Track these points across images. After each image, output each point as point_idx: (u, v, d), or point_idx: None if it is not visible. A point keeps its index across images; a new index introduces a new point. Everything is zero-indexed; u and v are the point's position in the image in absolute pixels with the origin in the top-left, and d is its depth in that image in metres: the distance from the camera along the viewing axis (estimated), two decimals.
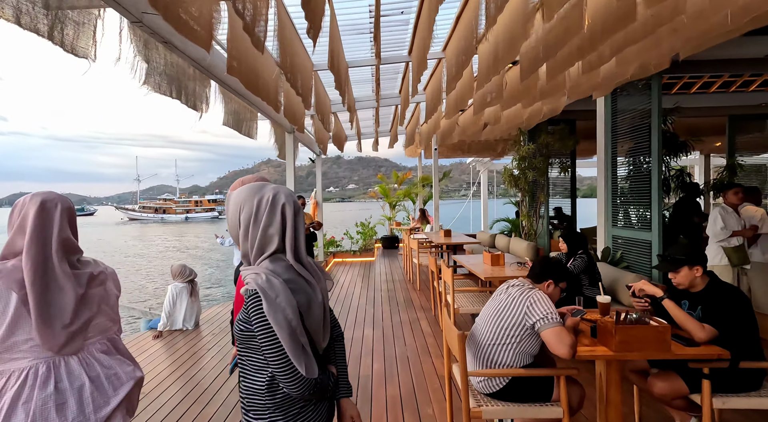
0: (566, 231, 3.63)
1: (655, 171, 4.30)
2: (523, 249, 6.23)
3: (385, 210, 11.88)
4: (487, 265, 4.11)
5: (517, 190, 7.20)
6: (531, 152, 6.69)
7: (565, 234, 3.60)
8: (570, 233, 3.59)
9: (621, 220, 4.96)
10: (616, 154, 5.03)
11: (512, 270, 3.79)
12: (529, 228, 7.05)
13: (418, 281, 6.38)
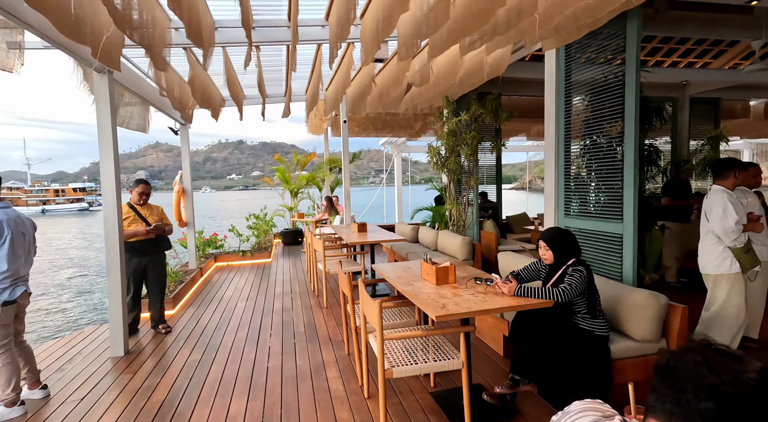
0: (550, 232, 2.38)
1: (631, 143, 3.27)
2: (456, 245, 5.01)
3: (285, 198, 9.92)
4: (429, 284, 2.68)
5: (444, 171, 5.98)
6: (463, 125, 5.49)
7: (548, 236, 2.34)
8: (556, 234, 2.34)
9: (577, 209, 3.96)
10: (570, 124, 3.99)
11: (479, 302, 2.41)
12: (458, 218, 5.92)
13: (325, 295, 4.76)
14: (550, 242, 2.34)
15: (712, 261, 2.84)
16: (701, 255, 2.91)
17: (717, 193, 2.82)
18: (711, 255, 2.85)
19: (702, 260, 2.91)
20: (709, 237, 2.86)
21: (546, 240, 2.36)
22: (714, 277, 2.84)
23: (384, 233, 5.29)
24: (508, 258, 3.71)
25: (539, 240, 2.42)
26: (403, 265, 3.26)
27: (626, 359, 2.27)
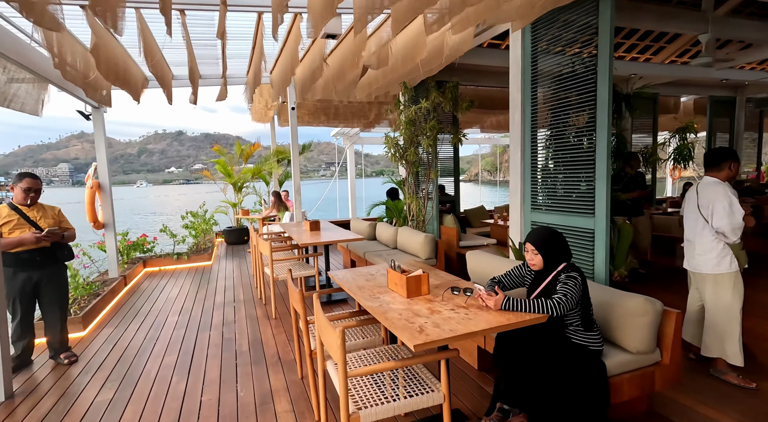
0: (539, 233, 2.03)
1: (603, 133, 3.06)
2: (418, 243, 4.64)
3: (228, 194, 9.04)
4: (398, 297, 2.25)
5: (402, 163, 5.59)
6: (423, 113, 5.11)
7: (537, 238, 2.00)
8: (547, 236, 2.00)
9: (545, 202, 3.74)
10: (537, 112, 3.74)
11: (463, 322, 2.02)
12: (417, 212, 5.57)
13: (274, 302, 4.19)
14: (540, 246, 2.02)
15: (711, 260, 2.61)
16: (699, 254, 2.68)
17: (716, 185, 2.59)
18: (711, 253, 2.61)
19: (699, 260, 2.68)
20: (707, 233, 2.62)
21: (535, 244, 2.03)
22: (714, 277, 2.63)
23: (339, 232, 4.80)
24: (478, 258, 3.39)
25: (525, 243, 2.09)
26: (364, 272, 2.82)
27: (622, 375, 2.01)
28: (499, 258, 3.26)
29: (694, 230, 2.71)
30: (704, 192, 2.63)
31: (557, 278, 2.00)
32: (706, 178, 2.66)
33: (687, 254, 2.81)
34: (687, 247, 2.79)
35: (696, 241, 2.69)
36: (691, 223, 2.75)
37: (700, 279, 2.70)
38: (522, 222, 4.00)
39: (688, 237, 2.78)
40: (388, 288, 2.39)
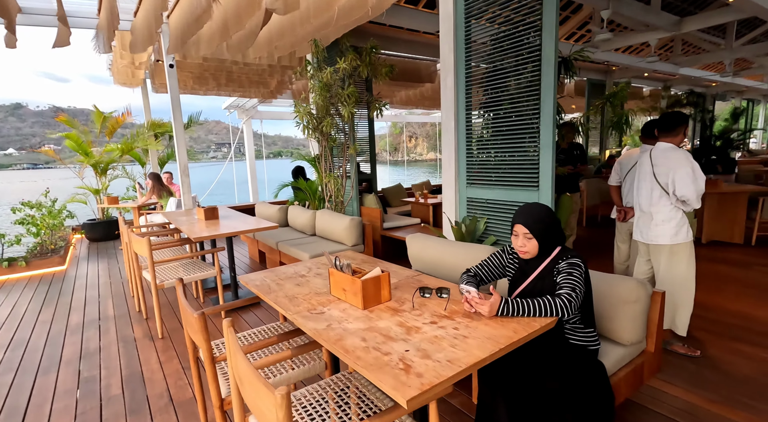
0: (531, 212, 1.56)
1: (549, 96, 2.78)
2: (342, 228, 4.01)
3: (87, 178, 7.10)
4: (349, 308, 1.62)
5: (316, 136, 4.81)
6: (340, 76, 4.38)
7: (530, 217, 1.53)
8: (544, 215, 1.54)
9: (482, 177, 3.43)
10: (472, 74, 3.35)
11: (461, 343, 1.47)
12: (336, 193, 4.90)
13: (159, 318, 3.18)
14: (536, 228, 1.57)
15: (670, 230, 2.50)
16: (657, 224, 2.54)
17: (675, 151, 2.45)
18: (670, 223, 2.49)
19: (658, 231, 2.54)
20: (665, 203, 2.49)
21: (528, 225, 1.57)
22: (671, 248, 2.53)
23: (245, 220, 3.89)
24: (421, 243, 2.91)
25: (514, 226, 1.62)
26: (290, 272, 2.10)
27: (618, 372, 1.72)
28: (447, 242, 2.82)
29: (649, 200, 2.56)
30: (661, 158, 2.48)
31: (554, 266, 1.58)
32: (660, 143, 2.53)
33: (641, 226, 2.67)
34: (641, 219, 2.66)
35: (653, 211, 2.55)
36: (645, 193, 2.59)
37: (655, 250, 2.59)
38: (456, 199, 3.63)
39: (642, 208, 2.64)
40: (332, 296, 1.73)
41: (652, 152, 2.56)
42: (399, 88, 8.81)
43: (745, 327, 2.86)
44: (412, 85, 8.51)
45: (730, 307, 3.21)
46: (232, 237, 3.67)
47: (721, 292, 3.49)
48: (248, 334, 2.04)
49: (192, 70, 5.74)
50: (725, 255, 4.68)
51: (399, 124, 33.70)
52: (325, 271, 2.12)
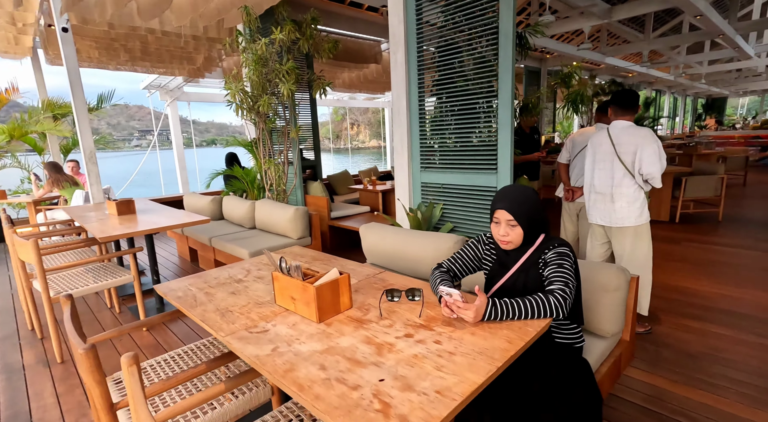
0: (514, 194, 1.33)
1: (507, 72, 2.61)
2: (286, 219, 3.60)
3: None
4: (300, 321, 1.30)
5: (252, 118, 4.29)
6: (277, 49, 3.90)
7: (514, 202, 1.29)
8: (530, 196, 1.32)
9: (437, 160, 3.22)
10: (424, 49, 3.10)
11: (447, 363, 1.20)
12: (277, 181, 4.44)
13: (57, 338, 2.59)
14: (522, 213, 1.34)
15: (635, 212, 2.43)
16: (622, 207, 2.45)
17: (638, 129, 2.36)
18: (635, 204, 2.43)
19: (623, 213, 2.46)
20: (628, 183, 2.41)
21: (513, 211, 1.34)
22: (635, 229, 2.47)
23: (170, 213, 3.33)
24: (377, 233, 2.63)
25: (495, 211, 1.39)
26: (223, 277, 1.71)
27: (600, 368, 1.59)
28: (406, 231, 2.57)
29: (611, 181, 2.46)
30: (623, 137, 2.38)
31: (539, 257, 1.38)
32: (618, 122, 2.44)
33: (601, 209, 2.56)
34: (598, 201, 2.55)
35: (615, 193, 2.45)
36: (606, 174, 2.48)
37: (620, 233, 2.52)
38: (410, 184, 3.40)
39: (600, 190, 2.53)
40: (278, 306, 1.39)
41: (610, 131, 2.47)
42: (341, 70, 8.35)
43: (688, 302, 2.97)
44: (355, 67, 8.11)
45: (670, 283, 3.35)
46: (152, 235, 3.12)
47: (659, 269, 3.63)
48: (171, 358, 1.63)
49: (97, 39, 4.85)
50: (655, 232, 4.94)
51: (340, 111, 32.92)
52: (268, 273, 1.76)
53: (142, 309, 2.84)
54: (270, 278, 1.69)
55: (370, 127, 49.67)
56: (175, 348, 2.54)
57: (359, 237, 5.02)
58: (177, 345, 2.63)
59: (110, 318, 3.09)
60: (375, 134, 47.66)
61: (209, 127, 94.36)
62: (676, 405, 1.86)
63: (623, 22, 10.57)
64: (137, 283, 2.79)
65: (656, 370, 2.14)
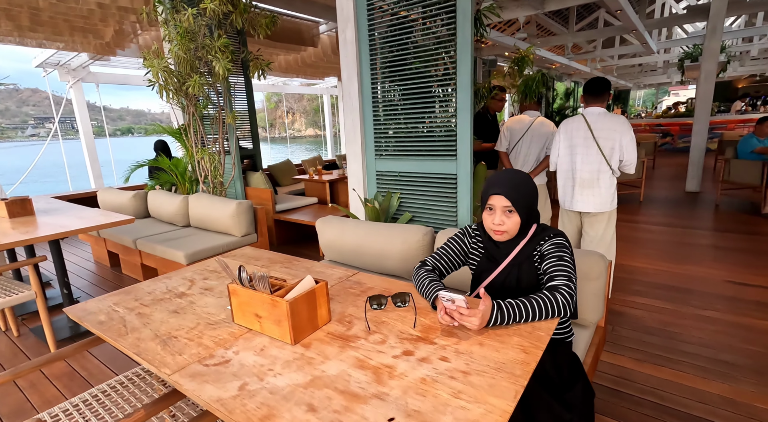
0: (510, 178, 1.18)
1: (466, 52, 2.50)
2: (228, 215, 3.21)
3: None
4: (268, 346, 1.05)
5: (180, 101, 3.75)
6: (206, 22, 3.41)
7: (511, 186, 1.14)
8: (525, 179, 1.19)
9: (393, 147, 3.05)
10: (375, 26, 2.88)
11: (466, 386, 1.01)
12: (213, 172, 3.96)
13: None
14: (520, 198, 1.21)
15: (611, 196, 2.52)
16: (602, 193, 2.49)
17: (615, 116, 2.40)
18: (611, 189, 2.50)
19: (603, 198, 2.51)
20: (605, 169, 2.45)
21: (511, 196, 1.20)
22: (609, 214, 2.56)
23: (80, 213, 2.78)
24: (336, 227, 2.41)
25: (490, 197, 1.24)
26: (160, 291, 1.39)
27: (586, 359, 1.54)
28: (367, 224, 2.37)
29: (591, 167, 2.48)
30: (600, 123, 2.41)
31: (534, 249, 1.26)
32: (593, 108, 2.47)
33: (587, 194, 2.55)
34: (584, 187, 2.55)
35: (596, 179, 2.49)
36: (587, 159, 2.49)
37: (596, 218, 2.58)
38: (364, 173, 3.21)
39: (582, 175, 2.53)
40: (238, 326, 1.13)
41: (587, 117, 2.47)
42: (276, 52, 7.78)
43: (630, 279, 3.15)
44: (292, 49, 7.60)
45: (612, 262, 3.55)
46: (59, 241, 2.58)
47: None
48: (95, 398, 1.28)
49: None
50: None
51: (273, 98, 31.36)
52: (218, 283, 1.47)
53: (50, 333, 2.34)
54: (222, 289, 1.40)
55: (306, 115, 48.17)
56: (100, 379, 2.12)
57: (308, 231, 4.70)
58: (102, 374, 2.19)
59: (6, 346, 2.52)
60: (311, 122, 46.32)
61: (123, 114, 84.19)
62: (643, 385, 1.91)
63: (549, 15, 11.16)
64: (41, 301, 2.28)
65: (618, 350, 2.20)
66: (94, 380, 2.11)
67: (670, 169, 8.82)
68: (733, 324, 2.42)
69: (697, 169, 6.26)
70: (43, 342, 2.52)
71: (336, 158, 7.42)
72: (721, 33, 5.99)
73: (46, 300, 2.33)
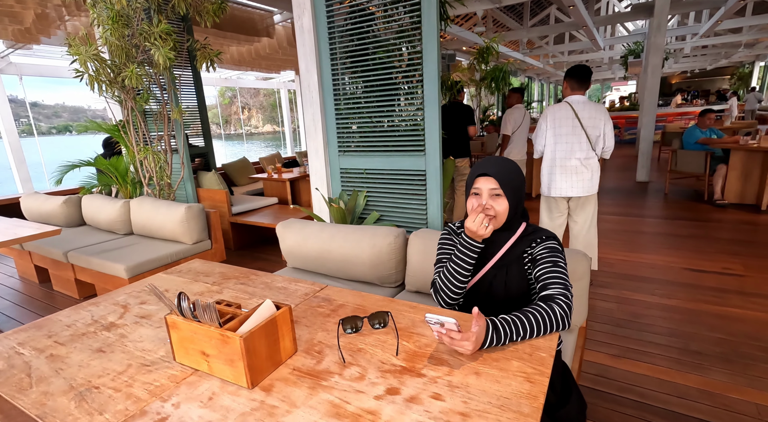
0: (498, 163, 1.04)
1: (433, 46, 2.38)
2: (177, 220, 2.90)
3: None
4: (225, 394, 0.85)
5: (115, 93, 3.34)
6: (150, 3, 3.04)
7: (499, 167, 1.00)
8: (513, 167, 1.06)
9: (357, 143, 2.87)
10: (334, 17, 2.68)
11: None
12: (159, 173, 3.58)
13: None
14: (508, 180, 1.08)
15: (597, 180, 2.63)
16: (591, 176, 2.59)
17: (597, 105, 2.50)
18: (597, 172, 2.60)
19: (593, 182, 2.61)
20: (592, 155, 2.54)
21: (498, 176, 1.05)
22: (595, 196, 2.69)
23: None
24: (296, 231, 2.20)
25: (476, 179, 1.09)
26: (76, 321, 1.13)
27: (573, 365, 1.45)
28: (332, 227, 2.18)
29: (581, 154, 2.53)
30: (586, 111, 2.47)
31: (525, 251, 1.14)
32: (576, 96, 2.50)
33: (576, 179, 2.60)
34: (572, 173, 2.58)
35: (587, 164, 2.56)
36: (576, 147, 2.53)
37: (586, 201, 2.69)
38: (327, 171, 3.01)
39: (572, 162, 2.56)
40: (180, 366, 0.92)
41: (573, 105, 2.51)
42: (227, 42, 7.30)
43: (598, 271, 3.17)
44: (245, 40, 7.16)
45: None
46: None
47: None
48: None
49: None
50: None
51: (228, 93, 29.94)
52: (157, 307, 1.23)
53: None
54: (161, 316, 1.17)
55: (263, 111, 46.58)
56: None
57: (269, 233, 4.41)
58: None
59: None
60: (269, 118, 44.86)
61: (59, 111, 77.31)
62: (622, 382, 1.88)
63: (504, 10, 11.35)
64: None
65: (595, 346, 2.17)
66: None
67: (619, 161, 9.25)
68: (696, 311, 2.48)
69: (646, 159, 6.56)
70: None
71: (296, 155, 7.11)
72: (665, 29, 6.28)
73: None
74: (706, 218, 4.38)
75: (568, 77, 2.53)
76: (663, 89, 21.24)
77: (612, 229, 4.19)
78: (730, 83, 22.24)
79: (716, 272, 3.01)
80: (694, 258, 3.28)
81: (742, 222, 4.13)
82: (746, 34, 12.40)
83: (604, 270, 3.15)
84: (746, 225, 4.04)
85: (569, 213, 2.80)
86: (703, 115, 5.32)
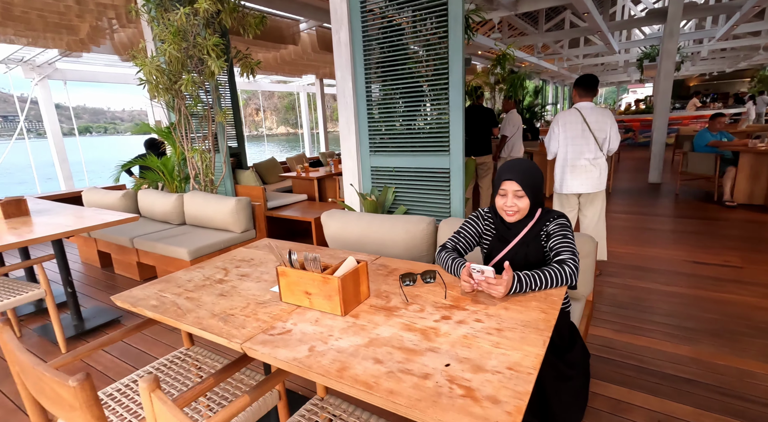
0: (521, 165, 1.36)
1: (458, 55, 2.71)
2: (226, 212, 3.28)
3: None
4: (325, 318, 1.19)
5: (169, 98, 3.75)
6: (199, 21, 3.44)
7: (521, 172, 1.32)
8: (532, 168, 1.37)
9: (387, 143, 3.20)
10: (369, 29, 3.03)
11: (504, 339, 1.17)
12: (205, 170, 3.98)
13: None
14: (528, 183, 1.40)
15: (605, 177, 2.95)
16: (602, 174, 2.92)
17: (603, 109, 2.87)
18: (605, 172, 2.94)
19: (602, 179, 2.93)
20: (601, 155, 2.88)
21: (521, 181, 1.39)
22: (603, 192, 2.99)
23: (78, 213, 2.77)
24: (338, 219, 2.54)
25: (503, 182, 1.42)
26: (194, 278, 1.49)
27: (580, 327, 1.76)
28: (369, 216, 2.52)
29: (591, 153, 2.88)
30: (593, 116, 2.82)
31: (541, 229, 1.46)
32: (584, 103, 2.83)
33: (585, 178, 2.93)
34: (582, 172, 2.93)
35: (596, 163, 2.90)
36: (585, 148, 2.88)
37: (596, 197, 3.01)
38: (359, 169, 3.35)
39: (582, 162, 2.91)
40: (287, 304, 1.26)
41: (581, 111, 2.87)
42: (256, 50, 7.74)
43: (606, 262, 3.44)
44: (273, 47, 7.58)
45: None
46: (62, 240, 2.58)
47: None
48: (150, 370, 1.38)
49: None
50: None
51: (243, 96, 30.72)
52: (252, 270, 1.58)
53: (60, 331, 2.36)
54: (258, 275, 1.52)
55: (277, 113, 47.40)
56: (118, 372, 2.18)
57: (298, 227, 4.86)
58: (119, 368, 2.24)
59: None
60: (283, 120, 45.63)
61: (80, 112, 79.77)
62: (624, 351, 2.17)
63: (520, 16, 11.59)
64: (51, 298, 2.30)
65: (600, 324, 2.46)
66: (113, 373, 2.17)
67: (633, 163, 9.42)
68: (692, 296, 2.74)
69: (659, 161, 6.76)
70: (48, 341, 2.52)
71: (320, 156, 7.49)
72: (678, 35, 6.48)
73: (54, 301, 2.33)
74: (712, 217, 4.61)
75: (576, 86, 2.88)
76: (680, 92, 21.08)
77: (622, 226, 4.44)
78: (750, 86, 22.00)
79: (716, 264, 3.26)
80: (696, 252, 3.53)
81: (748, 221, 4.35)
82: (765, 38, 12.41)
83: (612, 262, 3.42)
84: (751, 224, 4.25)
85: (579, 208, 3.11)
86: (714, 118, 5.52)
